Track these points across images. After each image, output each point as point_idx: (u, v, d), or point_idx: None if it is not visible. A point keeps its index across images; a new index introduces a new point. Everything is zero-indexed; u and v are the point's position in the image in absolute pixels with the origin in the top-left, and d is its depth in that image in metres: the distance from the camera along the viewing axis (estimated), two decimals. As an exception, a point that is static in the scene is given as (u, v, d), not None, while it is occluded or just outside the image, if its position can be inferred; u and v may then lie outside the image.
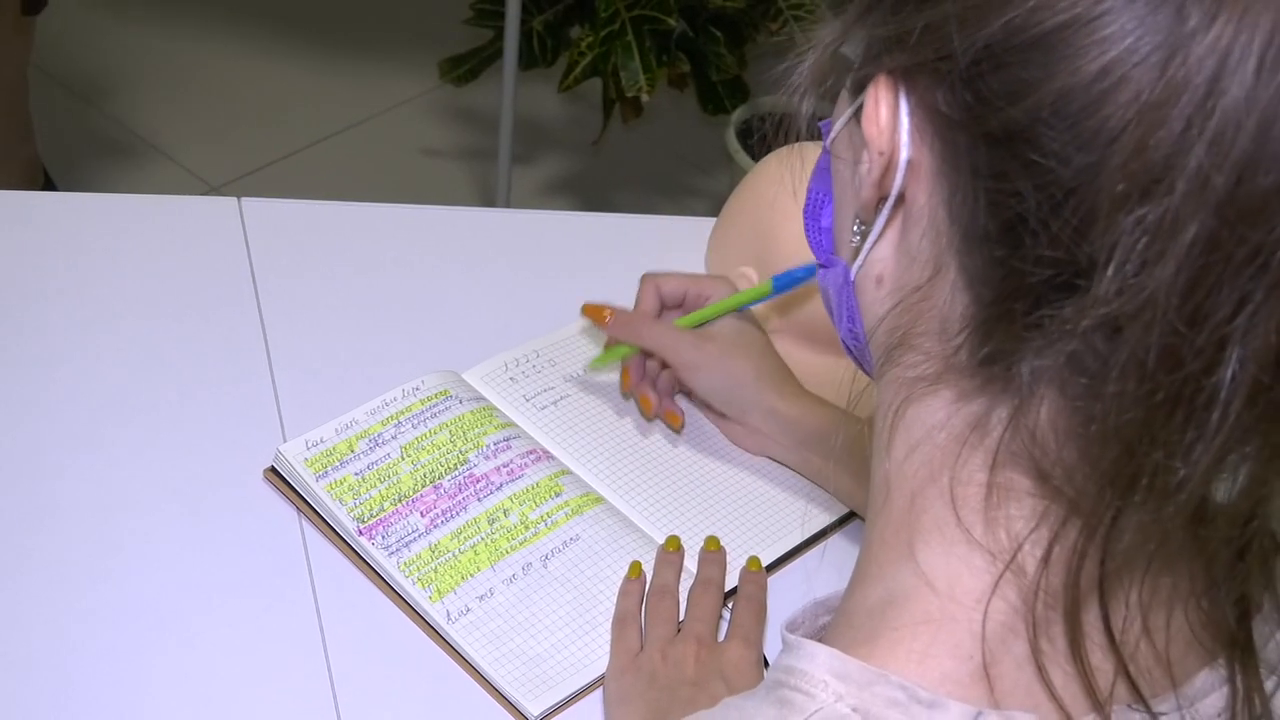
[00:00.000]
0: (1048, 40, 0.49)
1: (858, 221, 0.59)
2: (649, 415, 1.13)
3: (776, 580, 1.04)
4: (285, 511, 1.05)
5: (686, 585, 1.01)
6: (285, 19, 2.96)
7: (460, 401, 1.12)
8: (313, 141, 2.71)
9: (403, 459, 1.07)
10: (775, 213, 1.17)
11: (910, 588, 0.57)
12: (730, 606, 1.01)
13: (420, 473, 1.06)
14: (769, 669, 0.58)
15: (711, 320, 1.10)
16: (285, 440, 1.08)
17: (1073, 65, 0.48)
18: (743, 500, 1.10)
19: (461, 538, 1.03)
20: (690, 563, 1.03)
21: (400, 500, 1.04)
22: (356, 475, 1.05)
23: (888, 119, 0.54)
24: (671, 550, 1.03)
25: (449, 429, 1.09)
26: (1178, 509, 0.50)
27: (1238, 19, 0.46)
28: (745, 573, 1.03)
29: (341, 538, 1.03)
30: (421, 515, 1.04)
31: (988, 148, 0.51)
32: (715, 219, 1.30)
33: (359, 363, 1.16)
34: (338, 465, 1.06)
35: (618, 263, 1.29)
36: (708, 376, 1.10)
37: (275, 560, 1.02)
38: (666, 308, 1.14)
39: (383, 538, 1.02)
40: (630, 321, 1.11)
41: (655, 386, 1.14)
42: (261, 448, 1.07)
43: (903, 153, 0.55)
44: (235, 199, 1.29)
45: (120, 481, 1.05)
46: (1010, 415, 0.54)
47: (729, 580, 1.02)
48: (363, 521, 1.02)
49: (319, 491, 1.04)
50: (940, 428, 0.56)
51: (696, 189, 2.74)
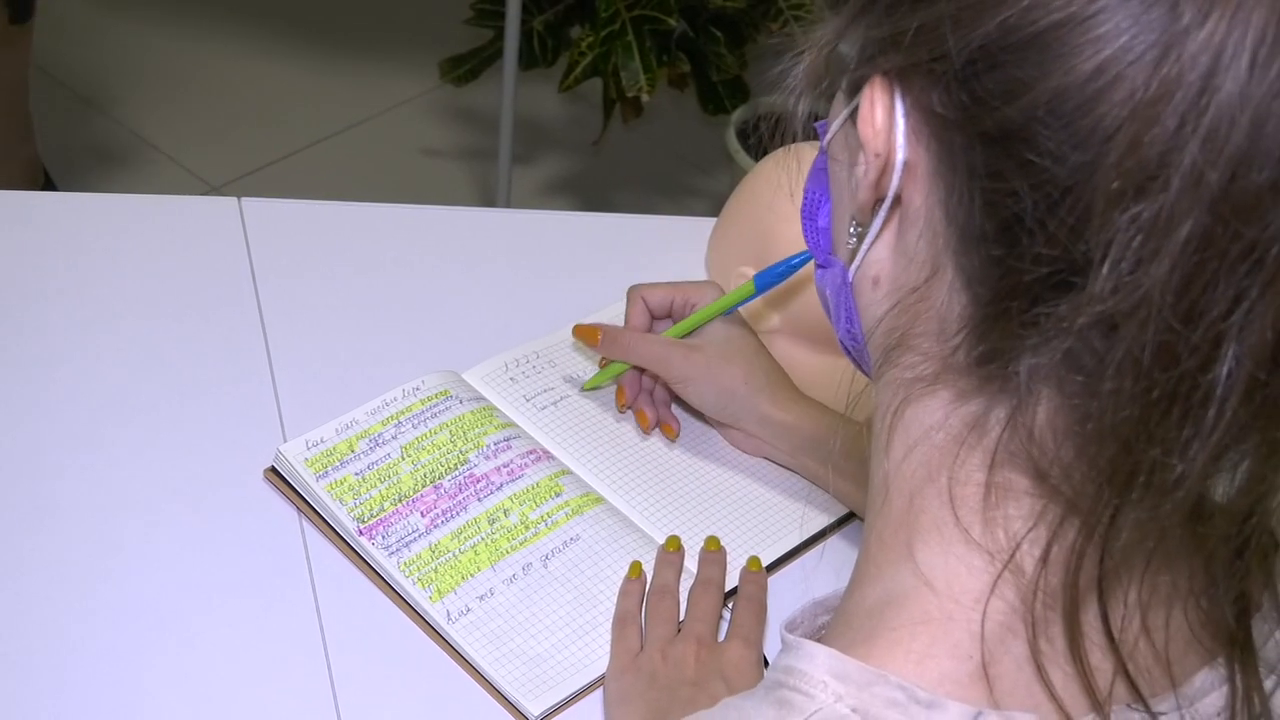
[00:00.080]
0: (1042, 39, 0.49)
1: (854, 223, 0.59)
2: (646, 430, 1.13)
3: (776, 580, 1.04)
4: (285, 511, 1.05)
5: (687, 585, 1.01)
6: (285, 19, 2.96)
7: (460, 401, 1.12)
8: (313, 141, 2.71)
9: (403, 459, 1.07)
10: (773, 215, 1.17)
11: (909, 588, 0.57)
12: (730, 606, 1.01)
13: (420, 473, 1.06)
14: (768, 669, 0.58)
15: (702, 326, 1.10)
16: (285, 440, 1.08)
17: (1067, 64, 0.48)
18: (742, 500, 1.10)
19: (462, 538, 1.03)
20: (690, 563, 1.03)
21: (400, 500, 1.04)
22: (357, 475, 1.05)
23: (883, 120, 0.54)
24: (672, 550, 1.03)
25: (449, 429, 1.09)
26: (1175, 506, 0.50)
27: (1230, 16, 0.46)
28: (745, 573, 1.03)
29: (342, 538, 1.03)
30: (422, 515, 1.04)
31: (983, 148, 0.51)
32: (715, 219, 1.30)
33: (359, 363, 1.16)
34: (338, 465, 1.06)
35: (618, 263, 1.29)
36: (698, 387, 1.10)
37: (275, 560, 1.02)
38: (656, 318, 1.14)
39: (383, 538, 1.02)
40: (619, 340, 1.11)
41: (653, 397, 1.14)
42: (262, 448, 1.07)
43: (899, 154, 0.55)
44: (235, 199, 1.29)
45: (120, 481, 1.05)
46: (1008, 415, 0.54)
47: (729, 580, 1.02)
48: (363, 521, 1.02)
49: (319, 491, 1.04)
50: (938, 428, 0.56)
51: (696, 189, 2.74)
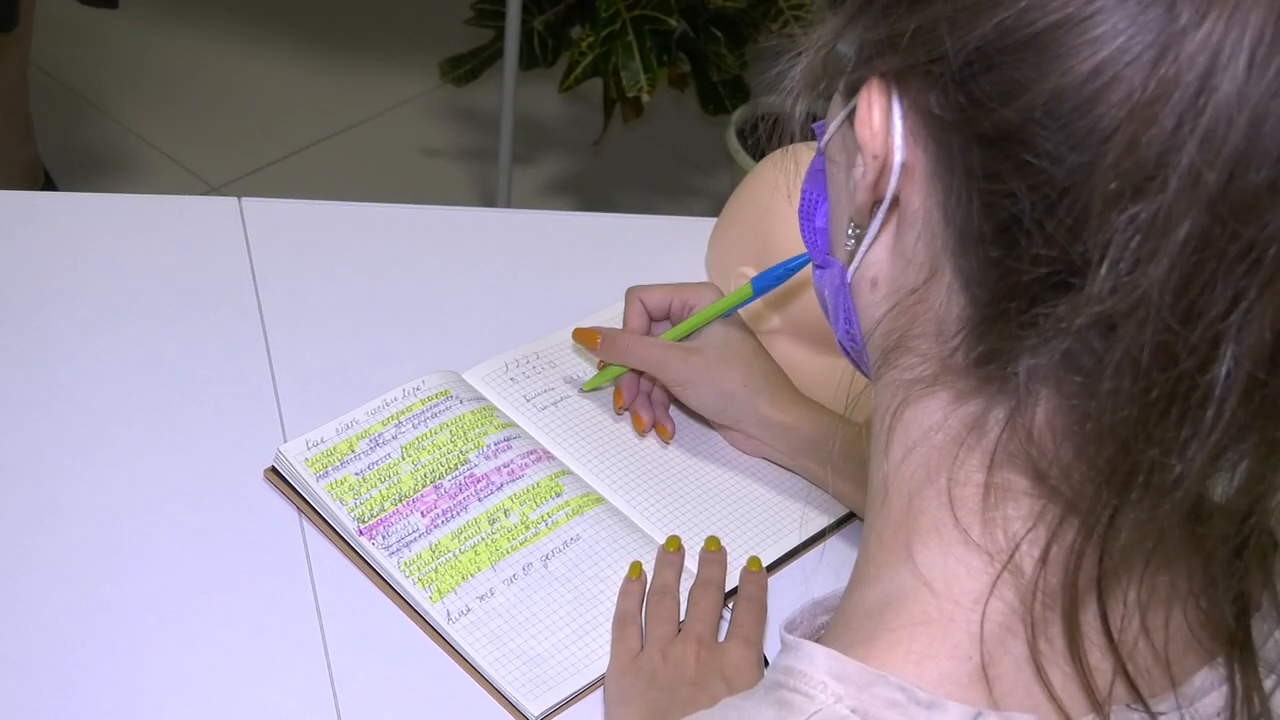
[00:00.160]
0: (1039, 40, 0.49)
1: (852, 225, 0.59)
2: (641, 432, 1.13)
3: (777, 580, 1.04)
4: (286, 511, 1.05)
5: (687, 585, 1.01)
6: (285, 19, 2.96)
7: (461, 402, 1.12)
8: (313, 141, 2.71)
9: (403, 459, 1.07)
10: (771, 216, 1.17)
11: (908, 589, 0.57)
12: (731, 607, 1.01)
13: (421, 473, 1.06)
14: (768, 669, 0.58)
15: (700, 329, 1.10)
16: (286, 440, 1.08)
17: (1065, 65, 0.48)
18: (742, 500, 1.10)
19: (462, 538, 1.03)
20: (691, 563, 1.03)
21: (401, 500, 1.04)
22: (357, 475, 1.05)
23: (881, 122, 0.54)
24: (672, 550, 1.03)
25: (449, 429, 1.09)
26: (1174, 506, 0.50)
27: (1228, 16, 0.46)
28: (746, 573, 1.03)
29: (342, 538, 1.03)
30: (422, 515, 1.04)
31: (981, 149, 0.51)
32: (715, 219, 1.30)
33: (359, 363, 1.16)
34: (338, 465, 1.06)
35: (618, 263, 1.29)
36: (696, 390, 1.10)
37: (275, 560, 1.02)
38: (654, 320, 1.14)
39: (383, 538, 1.02)
40: (617, 343, 1.11)
41: (651, 399, 1.14)
42: (262, 448, 1.07)
43: (896, 156, 0.55)
44: (235, 199, 1.29)
45: (120, 481, 1.05)
46: (1007, 415, 0.54)
47: (729, 580, 1.02)
48: (363, 521, 1.02)
49: (319, 491, 1.04)
50: (937, 429, 0.56)
51: (696, 189, 2.74)
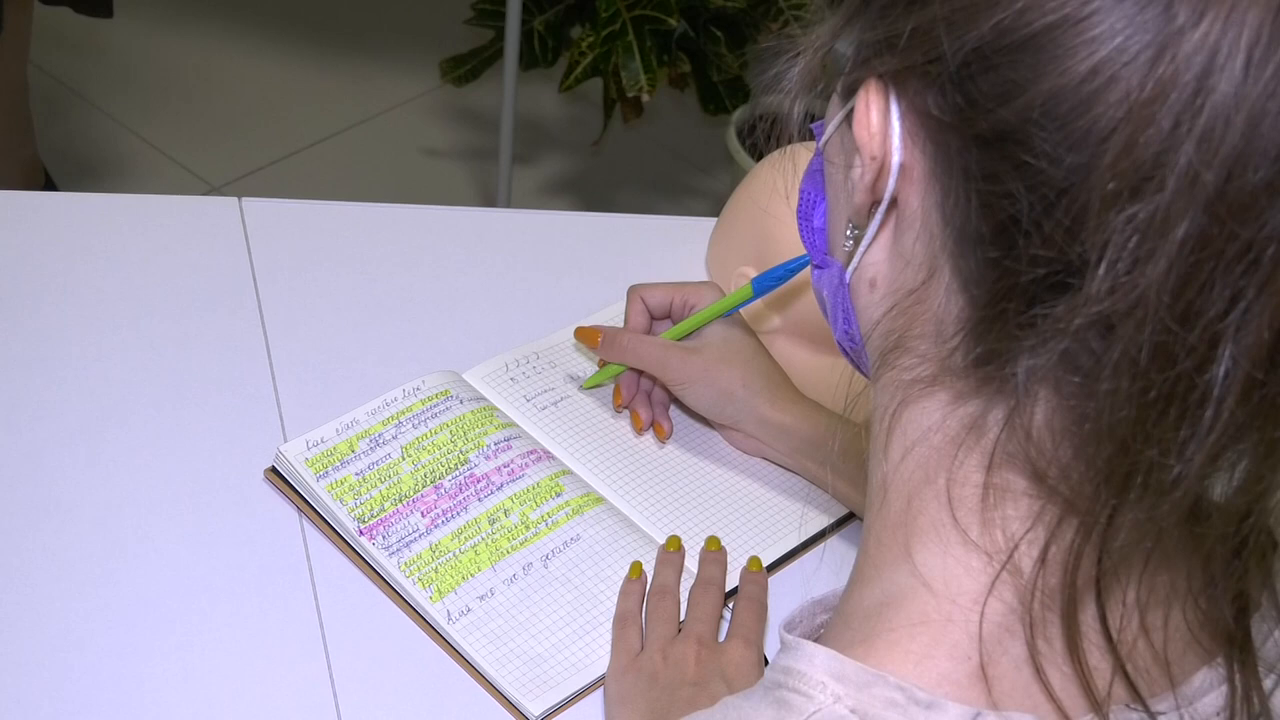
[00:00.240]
0: (1037, 41, 0.49)
1: (851, 225, 0.59)
2: (639, 430, 1.13)
3: (777, 580, 1.04)
4: (286, 511, 1.05)
5: (687, 585, 1.01)
6: (285, 19, 2.96)
7: (461, 401, 1.12)
8: (313, 141, 2.71)
9: (403, 459, 1.07)
10: (770, 217, 1.17)
11: (907, 589, 0.57)
12: (731, 607, 1.01)
13: (421, 473, 1.06)
14: (767, 669, 0.58)
15: (701, 328, 1.10)
16: (286, 440, 1.08)
17: (1062, 66, 0.48)
18: (743, 500, 1.10)
19: (462, 538, 1.03)
20: (691, 563, 1.03)
21: (401, 500, 1.04)
22: (357, 475, 1.05)
23: (879, 123, 0.54)
24: (672, 550, 1.03)
25: (450, 429, 1.09)
26: (1173, 506, 0.50)
27: (1225, 15, 0.46)
28: (746, 573, 1.03)
29: (342, 538, 1.03)
30: (422, 515, 1.04)
31: (979, 150, 0.51)
32: (715, 219, 1.30)
33: (359, 363, 1.16)
34: (338, 465, 1.06)
35: (618, 263, 1.29)
36: (695, 390, 1.10)
37: (276, 560, 1.02)
38: (655, 318, 1.14)
39: (383, 538, 1.02)
40: (618, 342, 1.11)
41: (651, 399, 1.14)
42: (262, 448, 1.07)
43: (894, 157, 0.55)
44: (235, 199, 1.29)
45: (120, 481, 1.05)
46: (1006, 416, 0.54)
47: (730, 580, 1.02)
48: (363, 521, 1.02)
49: (319, 491, 1.04)
50: (936, 429, 0.56)
51: (697, 189, 2.74)
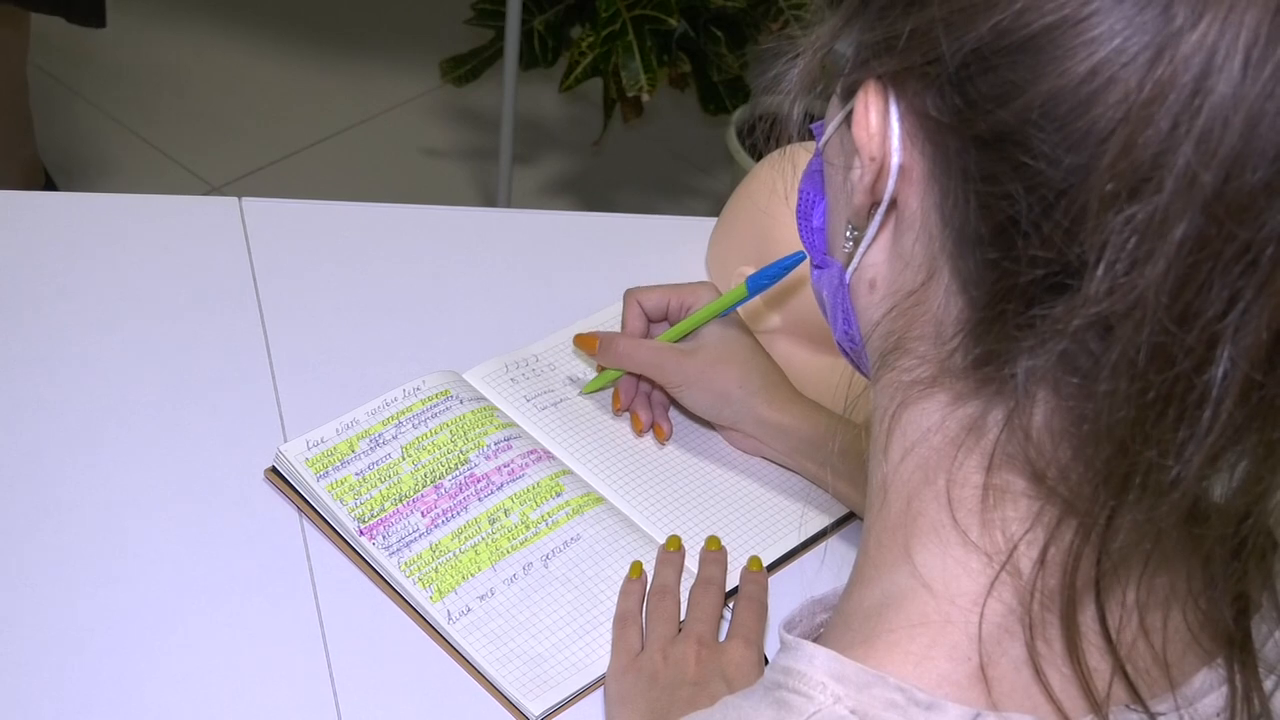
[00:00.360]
0: (1035, 42, 0.49)
1: (850, 226, 0.59)
2: (639, 433, 1.14)
3: (777, 580, 1.04)
4: (286, 511, 1.05)
5: (687, 585, 1.01)
6: (285, 19, 2.96)
7: (461, 401, 1.12)
8: (313, 141, 2.71)
9: (403, 459, 1.07)
10: (769, 218, 1.17)
11: (907, 589, 0.57)
12: (731, 606, 1.01)
13: (421, 473, 1.06)
14: (767, 669, 0.58)
15: (697, 329, 1.10)
16: (286, 440, 1.08)
17: (1061, 67, 0.48)
18: (743, 500, 1.10)
19: (462, 537, 1.03)
20: (691, 563, 1.04)
21: (401, 500, 1.04)
22: (357, 475, 1.05)
23: (878, 124, 0.54)
24: (672, 550, 1.03)
25: (450, 429, 1.09)
26: (1172, 508, 0.50)
27: (1224, 16, 0.46)
28: (746, 573, 1.03)
29: (342, 538, 1.03)
30: (422, 515, 1.04)
31: (978, 151, 0.51)
32: (715, 219, 1.30)
33: (359, 363, 1.16)
34: (338, 465, 1.06)
35: (618, 263, 1.29)
36: (693, 392, 1.10)
37: (276, 560, 1.02)
38: (652, 321, 1.14)
39: (383, 538, 1.02)
40: (615, 347, 1.11)
41: (650, 401, 1.14)
42: (262, 448, 1.07)
43: (894, 158, 0.55)
44: (235, 199, 1.29)
45: (121, 481, 1.05)
46: (1005, 417, 0.54)
47: (730, 580, 1.02)
48: (363, 521, 1.02)
49: (320, 491, 1.04)
50: (936, 430, 0.57)
51: (697, 189, 2.74)
